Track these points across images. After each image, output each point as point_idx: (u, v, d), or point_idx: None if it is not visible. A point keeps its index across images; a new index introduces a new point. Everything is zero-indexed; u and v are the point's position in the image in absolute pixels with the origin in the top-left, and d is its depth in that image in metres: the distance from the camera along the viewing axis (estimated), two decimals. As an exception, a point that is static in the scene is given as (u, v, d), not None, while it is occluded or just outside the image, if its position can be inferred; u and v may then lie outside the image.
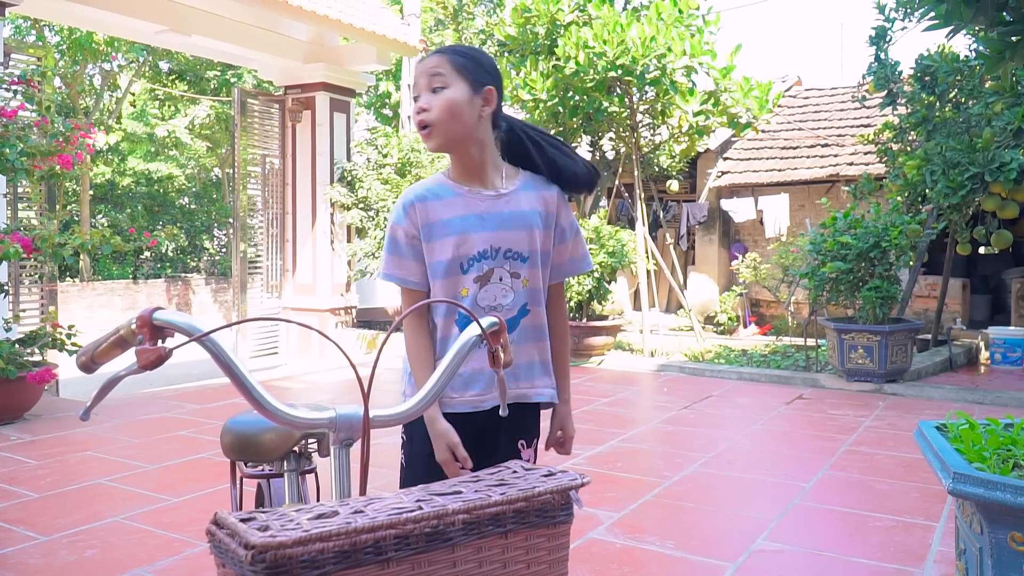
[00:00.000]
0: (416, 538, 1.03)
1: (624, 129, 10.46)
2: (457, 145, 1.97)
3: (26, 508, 4.27)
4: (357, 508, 1.07)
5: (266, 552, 0.95)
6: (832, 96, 14.99)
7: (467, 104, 1.92)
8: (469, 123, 1.94)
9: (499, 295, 2.01)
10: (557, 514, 1.16)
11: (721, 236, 13.50)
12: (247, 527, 1.00)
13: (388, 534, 1.01)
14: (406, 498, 1.11)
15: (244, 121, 10.43)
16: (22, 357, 6.29)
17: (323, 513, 1.06)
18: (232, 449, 2.01)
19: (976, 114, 8.06)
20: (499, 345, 1.46)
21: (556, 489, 1.16)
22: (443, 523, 1.05)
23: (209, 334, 1.24)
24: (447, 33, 13.93)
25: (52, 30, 18.48)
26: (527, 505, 1.13)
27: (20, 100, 6.67)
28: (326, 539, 0.97)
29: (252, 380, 1.29)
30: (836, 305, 8.50)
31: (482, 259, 2.00)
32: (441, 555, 1.06)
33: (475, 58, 1.96)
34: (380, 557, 1.01)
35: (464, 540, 1.07)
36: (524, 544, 1.14)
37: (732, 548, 3.70)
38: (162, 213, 22.15)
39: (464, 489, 1.16)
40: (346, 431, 1.33)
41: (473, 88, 1.93)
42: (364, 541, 0.99)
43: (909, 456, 5.30)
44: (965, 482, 2.06)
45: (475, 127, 1.95)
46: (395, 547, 1.02)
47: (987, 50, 2.59)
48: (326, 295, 11.09)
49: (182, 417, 6.56)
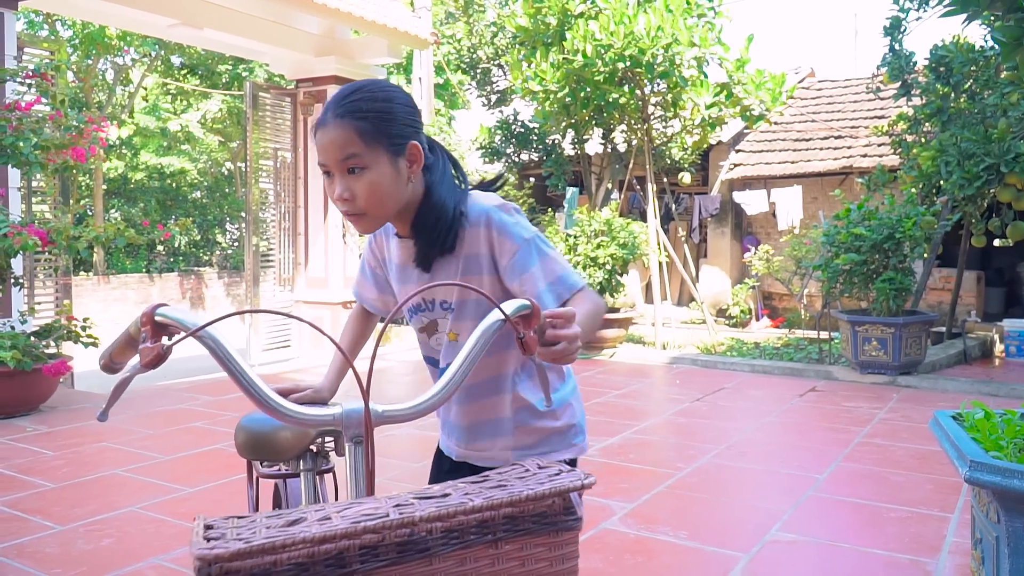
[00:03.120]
0: (386, 548, 0.94)
1: (636, 121, 10.44)
2: (393, 217, 1.69)
3: (43, 498, 4.31)
4: (326, 515, 0.99)
5: (212, 565, 0.89)
6: (846, 87, 14.91)
7: (393, 179, 1.60)
8: (401, 196, 1.64)
9: (442, 343, 1.81)
10: (559, 520, 1.02)
11: (733, 229, 13.45)
12: (200, 536, 0.96)
13: (350, 544, 0.92)
14: (385, 503, 1.02)
15: (256, 115, 10.45)
16: (38, 349, 6.33)
17: (294, 520, 0.99)
18: (246, 448, 1.93)
19: (992, 104, 8.00)
20: (530, 331, 1.31)
21: (553, 492, 1.01)
22: (417, 531, 0.94)
23: (204, 327, 1.21)
24: (458, 26, 13.92)
25: (64, 24, 18.54)
26: (518, 511, 1.00)
27: (35, 94, 6.70)
28: (278, 550, 0.90)
29: (251, 375, 1.24)
30: (850, 297, 8.47)
31: (418, 311, 1.82)
32: (417, 567, 0.95)
33: (384, 114, 1.59)
34: (344, 570, 0.92)
35: (443, 551, 0.96)
36: (520, 554, 1.00)
37: (746, 539, 3.70)
38: (175, 207, 22.23)
39: (454, 492, 1.05)
40: (356, 427, 1.27)
41: (394, 154, 1.59)
42: (323, 552, 0.91)
43: (923, 448, 5.29)
44: (982, 470, 2.05)
45: (407, 193, 1.65)
46: (360, 559, 0.93)
47: (1004, 37, 2.58)
48: (338, 288, 11.10)
49: (196, 409, 6.59)
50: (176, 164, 21.47)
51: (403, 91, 1.67)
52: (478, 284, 1.69)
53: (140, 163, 21.40)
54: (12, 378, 6.07)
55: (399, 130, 1.60)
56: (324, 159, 1.61)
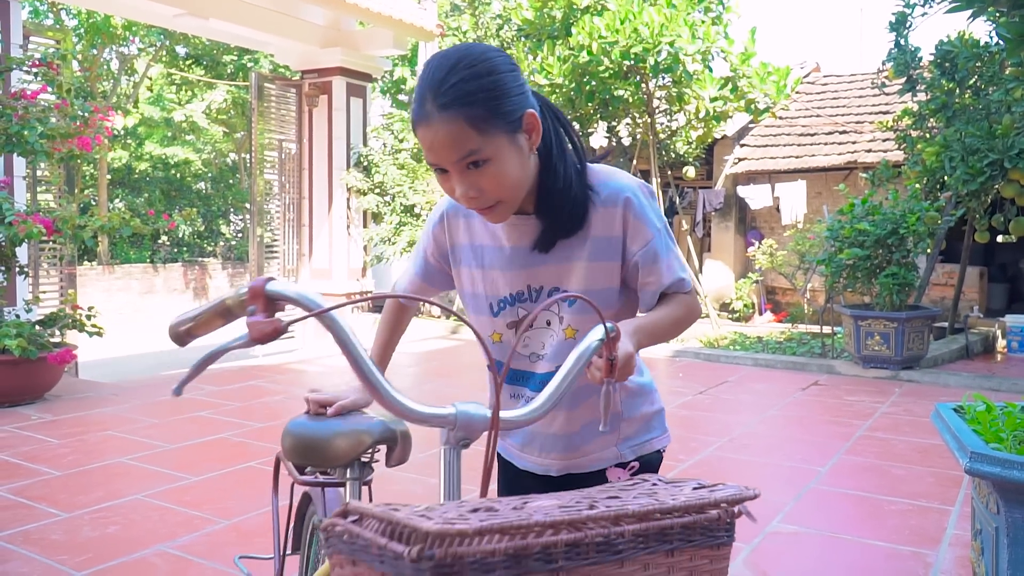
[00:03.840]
0: (587, 547, 0.89)
1: (640, 115, 10.44)
2: None
3: (48, 486, 4.33)
4: (515, 505, 0.93)
5: (438, 545, 0.79)
6: (851, 83, 14.88)
7: (519, 161, 1.40)
8: (530, 174, 1.45)
9: (546, 342, 1.62)
10: (720, 534, 0.99)
11: (737, 223, 13.45)
12: (408, 514, 0.84)
13: (562, 539, 0.86)
14: (564, 499, 0.97)
15: (261, 106, 10.47)
16: (42, 338, 6.35)
17: (476, 508, 0.91)
18: (295, 452, 1.84)
19: (996, 100, 7.99)
20: (613, 355, 1.26)
21: (730, 499, 0.98)
22: (614, 532, 0.90)
23: (329, 311, 1.15)
24: (464, 18, 13.90)
25: (69, 14, 18.55)
26: (695, 520, 0.96)
27: (41, 83, 6.71)
28: (501, 533, 0.82)
29: (371, 364, 1.20)
30: (853, 292, 8.48)
31: (516, 302, 1.61)
32: (610, 569, 0.91)
33: (494, 91, 1.35)
34: (550, 565, 0.87)
35: (633, 554, 0.92)
36: (688, 564, 0.97)
37: (747, 530, 3.72)
38: (179, 198, 22.25)
39: (621, 495, 1.00)
40: (464, 430, 1.19)
41: (512, 132, 1.38)
42: (535, 545, 0.84)
43: (925, 442, 5.30)
44: (982, 461, 2.07)
45: (531, 168, 1.46)
46: (566, 555, 0.88)
47: (1009, 33, 2.59)
48: (342, 280, 11.14)
49: (200, 399, 6.62)
50: (180, 154, 21.49)
51: (500, 52, 1.43)
52: (607, 271, 1.55)
53: (144, 153, 21.42)
54: (17, 366, 6.10)
55: (513, 103, 1.38)
56: (436, 160, 1.37)
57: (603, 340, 1.25)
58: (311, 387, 1.85)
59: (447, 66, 1.35)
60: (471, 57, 1.37)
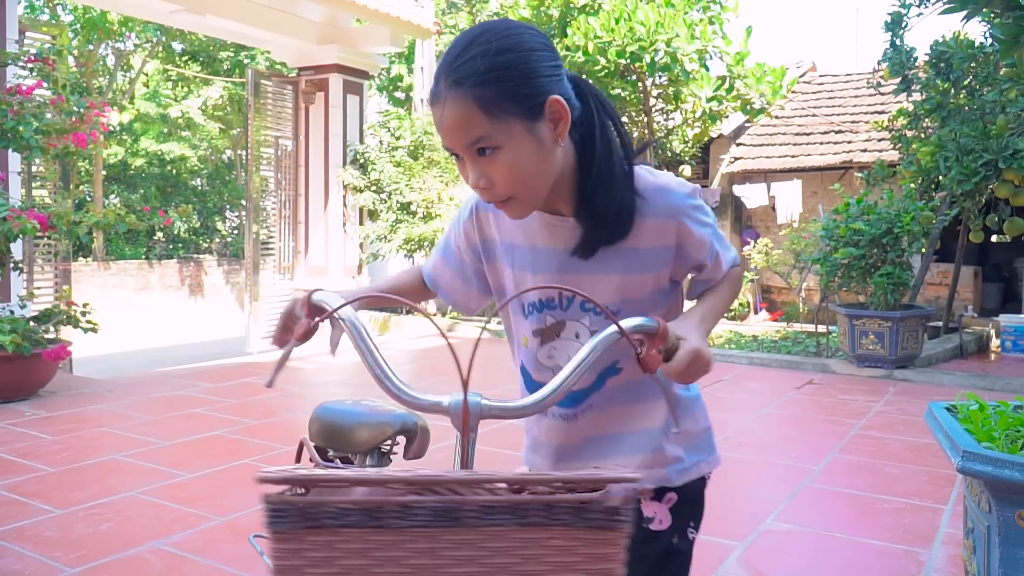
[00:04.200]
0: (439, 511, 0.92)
1: (637, 114, 10.45)
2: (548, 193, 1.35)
3: (42, 482, 4.33)
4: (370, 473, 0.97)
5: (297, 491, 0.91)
6: (846, 82, 14.91)
7: (537, 152, 1.26)
8: (552, 168, 1.30)
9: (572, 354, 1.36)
10: (594, 516, 0.95)
11: (733, 222, 13.47)
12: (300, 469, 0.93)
13: (419, 500, 0.92)
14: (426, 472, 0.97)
15: (257, 102, 10.45)
16: (37, 334, 6.35)
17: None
18: (321, 436, 1.94)
19: (991, 101, 8.01)
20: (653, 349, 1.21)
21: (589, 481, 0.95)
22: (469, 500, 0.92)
23: (336, 310, 1.33)
24: (461, 16, 13.90)
25: (65, 9, 18.52)
26: (559, 499, 0.94)
27: (36, 78, 6.70)
28: (361, 484, 0.91)
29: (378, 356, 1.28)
30: (848, 291, 8.50)
31: (544, 308, 1.47)
32: (447, 534, 0.93)
33: (510, 70, 1.22)
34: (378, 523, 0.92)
35: (476, 523, 0.93)
36: (553, 544, 0.94)
37: (741, 528, 3.73)
38: (175, 194, 22.23)
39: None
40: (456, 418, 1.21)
41: (531, 120, 1.24)
42: (392, 503, 0.91)
43: (918, 441, 5.32)
44: (974, 460, 2.08)
45: (559, 161, 1.31)
46: (422, 515, 0.92)
47: (1002, 34, 2.60)
48: (338, 277, 11.13)
49: (196, 395, 6.61)
50: (176, 151, 21.47)
51: (530, 28, 1.30)
52: (653, 280, 1.42)
53: (140, 149, 21.40)
54: (11, 362, 6.09)
55: (533, 87, 1.23)
56: (447, 143, 1.28)
57: (619, 335, 1.19)
58: (307, 384, 1.89)
59: (465, 41, 1.24)
60: (493, 32, 1.25)
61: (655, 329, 1.21)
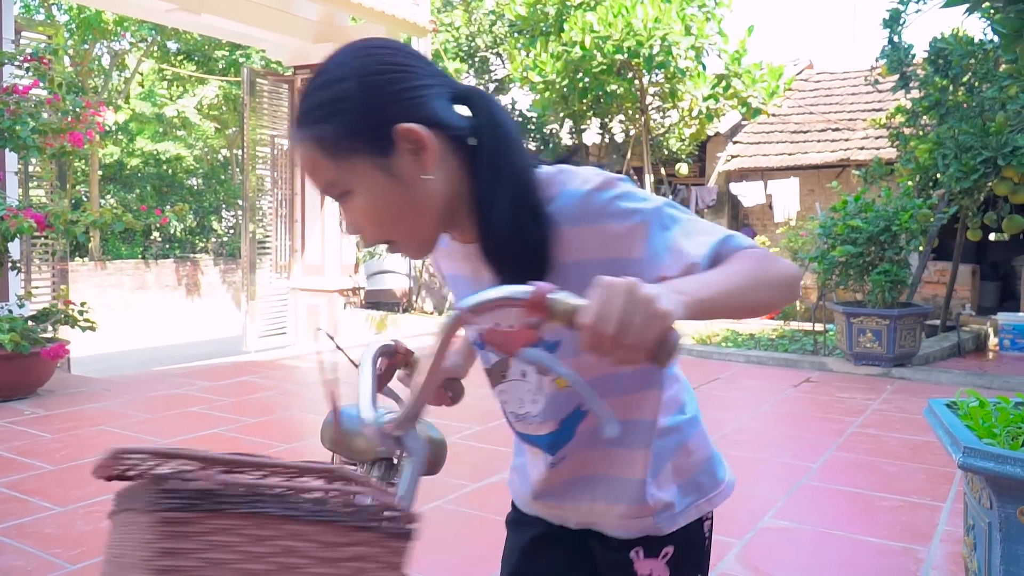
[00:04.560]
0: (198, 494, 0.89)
1: (634, 111, 10.45)
2: (445, 227, 1.19)
3: (41, 480, 4.32)
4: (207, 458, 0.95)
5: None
6: (844, 80, 14.92)
7: (395, 191, 1.09)
8: (426, 204, 1.12)
9: (525, 399, 1.30)
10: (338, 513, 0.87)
11: (730, 220, 13.48)
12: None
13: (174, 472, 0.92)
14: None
15: (253, 102, 10.43)
16: (35, 333, 6.34)
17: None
18: (329, 440, 1.93)
19: (990, 98, 8.02)
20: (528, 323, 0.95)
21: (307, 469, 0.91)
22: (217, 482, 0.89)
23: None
24: (456, 14, 13.89)
25: (60, 9, 18.49)
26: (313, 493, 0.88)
27: (32, 78, 6.69)
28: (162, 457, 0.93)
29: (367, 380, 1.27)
30: (845, 289, 8.50)
31: (484, 346, 1.31)
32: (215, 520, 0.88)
33: (338, 102, 1.07)
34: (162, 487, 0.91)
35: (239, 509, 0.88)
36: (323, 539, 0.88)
37: (739, 525, 3.73)
38: (171, 194, 22.19)
39: None
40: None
41: (380, 156, 1.07)
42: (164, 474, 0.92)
43: (916, 438, 5.32)
44: (975, 456, 2.08)
45: (438, 191, 1.12)
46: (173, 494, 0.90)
47: (1004, 29, 2.59)
48: (335, 276, 11.11)
49: (193, 394, 6.60)
50: (172, 150, 21.45)
51: (385, 46, 1.12)
52: None
53: (136, 149, 21.38)
54: (10, 361, 6.08)
55: (374, 118, 1.07)
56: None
57: (458, 312, 0.96)
58: (304, 383, 1.87)
59: (315, 72, 1.10)
60: (333, 60, 1.11)
61: (527, 297, 0.93)
